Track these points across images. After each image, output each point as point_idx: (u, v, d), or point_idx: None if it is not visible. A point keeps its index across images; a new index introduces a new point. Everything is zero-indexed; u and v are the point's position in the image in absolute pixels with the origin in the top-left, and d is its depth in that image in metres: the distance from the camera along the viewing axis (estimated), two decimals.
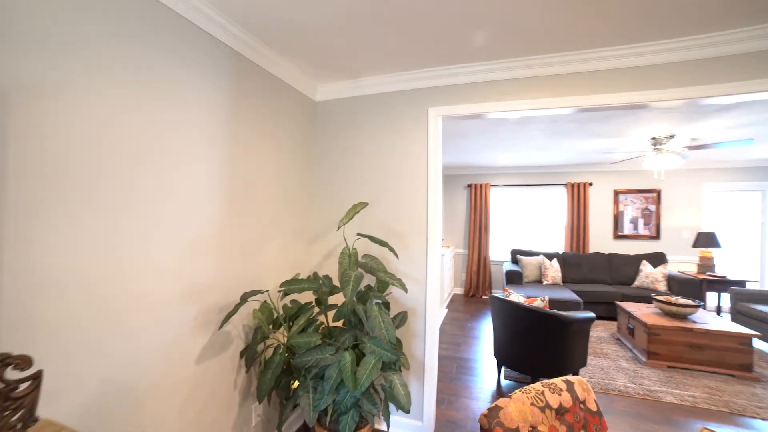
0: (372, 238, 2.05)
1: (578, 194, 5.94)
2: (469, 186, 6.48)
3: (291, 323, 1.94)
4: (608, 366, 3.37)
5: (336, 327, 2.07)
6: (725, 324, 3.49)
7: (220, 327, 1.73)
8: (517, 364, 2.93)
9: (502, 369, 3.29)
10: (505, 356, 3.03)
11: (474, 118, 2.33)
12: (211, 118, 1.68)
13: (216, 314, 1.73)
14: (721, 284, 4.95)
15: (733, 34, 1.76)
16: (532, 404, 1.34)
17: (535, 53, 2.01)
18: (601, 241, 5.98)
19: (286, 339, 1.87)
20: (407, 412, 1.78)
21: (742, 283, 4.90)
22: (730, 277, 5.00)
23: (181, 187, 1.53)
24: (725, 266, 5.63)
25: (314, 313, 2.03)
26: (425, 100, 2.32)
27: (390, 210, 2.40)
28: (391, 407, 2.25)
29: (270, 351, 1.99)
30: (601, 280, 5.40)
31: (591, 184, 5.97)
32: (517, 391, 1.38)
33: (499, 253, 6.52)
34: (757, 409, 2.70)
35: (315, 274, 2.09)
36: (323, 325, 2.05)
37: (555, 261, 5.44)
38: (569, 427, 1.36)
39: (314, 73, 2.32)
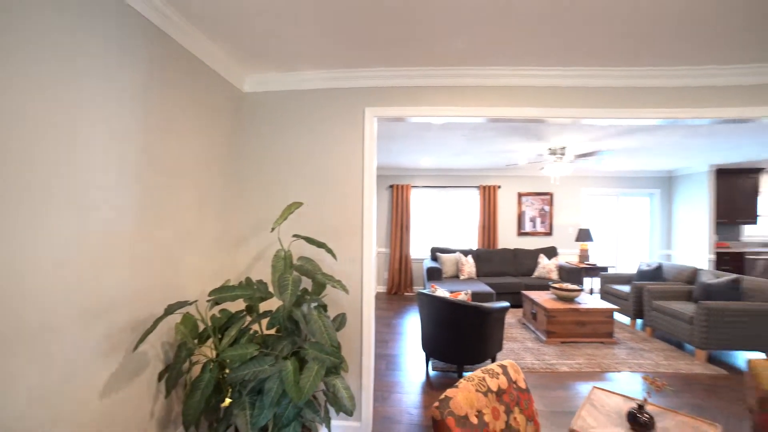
0: (310, 240, 1.96)
1: (489, 196, 6.59)
2: (391, 187, 6.69)
3: (221, 335, 1.75)
4: (518, 348, 3.81)
5: (270, 335, 1.93)
6: (597, 302, 4.25)
7: (135, 348, 1.47)
8: (444, 354, 3.12)
9: (430, 361, 3.46)
10: (432, 348, 3.20)
11: (401, 120, 2.41)
12: (121, 99, 1.42)
13: (128, 333, 1.47)
14: (593, 271, 6.02)
15: (612, 70, 2.14)
16: (477, 390, 1.43)
17: (463, 65, 2.16)
18: (507, 237, 6.74)
19: (216, 353, 1.68)
20: (351, 414, 1.76)
21: (606, 269, 6.02)
22: (600, 264, 6.11)
23: (81, 181, 1.25)
24: (597, 256, 6.86)
25: (246, 323, 1.87)
26: (362, 100, 2.31)
27: (325, 210, 2.34)
28: (331, 411, 2.20)
29: (197, 369, 1.76)
30: (508, 273, 6.08)
31: (499, 187, 6.69)
32: (461, 380, 1.46)
33: (419, 251, 6.86)
34: (616, 364, 3.43)
35: (248, 279, 1.93)
36: (257, 335, 1.89)
37: (470, 257, 5.94)
38: (507, 406, 1.49)
39: (242, 60, 2.13)
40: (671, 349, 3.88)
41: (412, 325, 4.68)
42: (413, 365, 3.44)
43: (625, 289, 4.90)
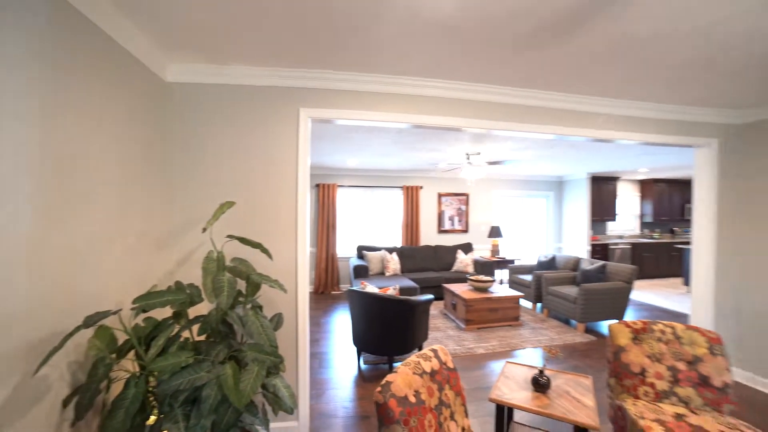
0: (244, 240, 1.91)
1: (412, 196, 6.97)
2: (318, 186, 6.65)
3: (146, 346, 1.61)
4: (441, 336, 4.15)
5: (202, 342, 1.83)
6: (506, 291, 4.84)
7: (36, 371, 1.28)
8: (375, 348, 3.26)
9: (362, 355, 3.58)
10: (363, 343, 3.32)
11: (328, 122, 2.50)
12: (18, 76, 1.22)
13: (24, 354, 1.27)
14: (503, 263, 6.80)
15: (521, 90, 2.52)
16: (414, 373, 1.57)
17: (395, 74, 2.32)
18: (429, 235, 7.21)
19: (141, 366, 1.54)
20: (292, 413, 1.77)
21: (513, 261, 6.86)
22: (508, 257, 6.93)
23: None
24: (505, 250, 7.75)
25: (175, 330, 1.74)
26: (297, 100, 2.32)
27: (260, 210, 2.29)
28: (269, 412, 2.16)
29: (118, 386, 1.59)
30: (430, 268, 6.52)
31: (421, 188, 7.12)
32: (399, 365, 1.59)
33: (345, 250, 6.94)
34: (522, 342, 3.97)
35: (178, 283, 1.80)
36: (188, 342, 1.78)
37: (395, 254, 6.22)
38: (439, 384, 1.67)
39: (165, 46, 1.97)
40: (561, 325, 4.63)
41: (340, 323, 4.74)
42: (344, 361, 3.52)
43: (528, 278, 5.66)
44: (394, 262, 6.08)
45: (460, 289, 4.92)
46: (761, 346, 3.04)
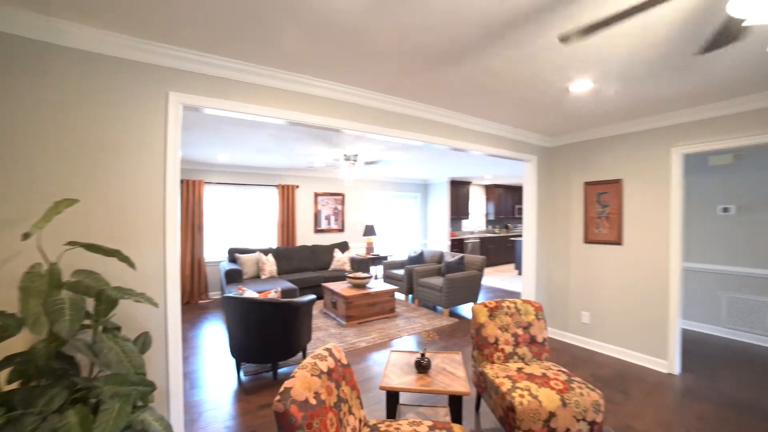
0: (95, 247, 1.54)
1: (288, 195, 6.75)
2: (181, 182, 5.77)
3: None
4: (323, 335, 4.17)
5: (19, 390, 1.39)
6: (382, 285, 5.20)
7: None
8: (257, 356, 3.06)
9: (242, 366, 3.30)
10: (243, 353, 3.08)
11: (195, 110, 2.26)
12: None
13: None
14: (377, 260, 7.25)
15: (391, 98, 2.77)
16: (312, 375, 1.56)
17: (285, 68, 2.24)
18: (305, 235, 7.11)
19: None
20: None
21: (386, 258, 7.40)
22: (382, 254, 7.43)
23: None
24: (379, 247, 8.27)
25: None
26: (166, 82, 1.99)
27: (115, 209, 1.87)
28: None
29: None
30: (308, 268, 6.43)
31: (298, 187, 6.96)
32: (296, 369, 1.56)
33: (214, 254, 6.24)
34: (399, 332, 4.33)
35: None
36: None
37: (270, 255, 5.92)
38: (336, 381, 1.70)
39: None
40: (430, 312, 5.25)
41: (211, 335, 4.25)
42: (221, 377, 3.18)
43: (400, 272, 6.19)
44: (270, 264, 5.78)
45: (340, 287, 5.04)
46: (560, 308, 4.13)
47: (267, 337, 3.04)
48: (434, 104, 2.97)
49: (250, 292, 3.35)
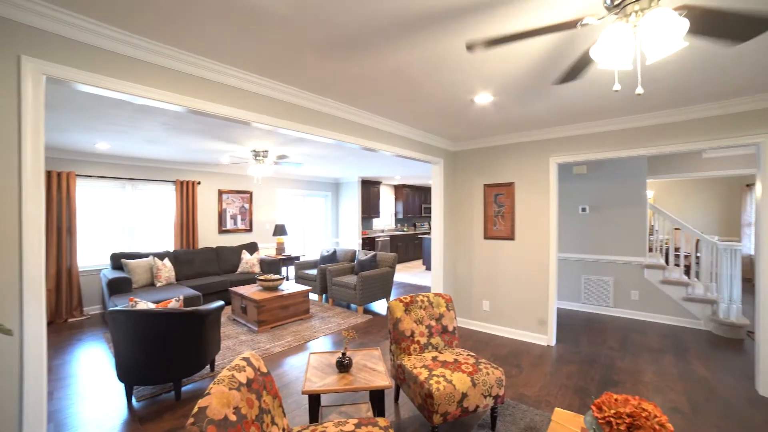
0: None
1: (187, 192, 6.03)
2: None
3: None
4: (233, 343, 3.86)
5: None
6: (295, 286, 5.05)
7: None
8: (155, 376, 2.68)
9: (134, 391, 2.84)
10: (136, 374, 2.67)
11: (61, 83, 1.92)
12: None
13: None
14: (289, 260, 7.00)
15: (307, 94, 2.73)
16: (230, 389, 1.45)
17: (180, 47, 2.00)
18: (208, 236, 6.46)
19: None
20: None
21: (298, 258, 7.20)
22: (293, 254, 7.19)
23: None
24: (290, 247, 7.98)
25: None
26: (19, 43, 1.59)
27: None
28: None
29: None
30: (212, 272, 5.86)
31: (199, 183, 6.27)
32: (211, 385, 1.43)
33: (92, 261, 5.24)
34: (315, 333, 4.27)
35: None
36: None
37: (167, 260, 5.23)
38: (257, 392, 1.61)
39: None
40: (345, 311, 5.28)
41: (88, 360, 3.56)
42: (104, 408, 2.69)
43: (313, 272, 6.08)
44: (167, 270, 5.10)
45: (249, 290, 4.73)
46: (465, 299, 4.58)
47: (168, 352, 2.68)
48: (348, 103, 2.99)
49: (144, 304, 2.91)
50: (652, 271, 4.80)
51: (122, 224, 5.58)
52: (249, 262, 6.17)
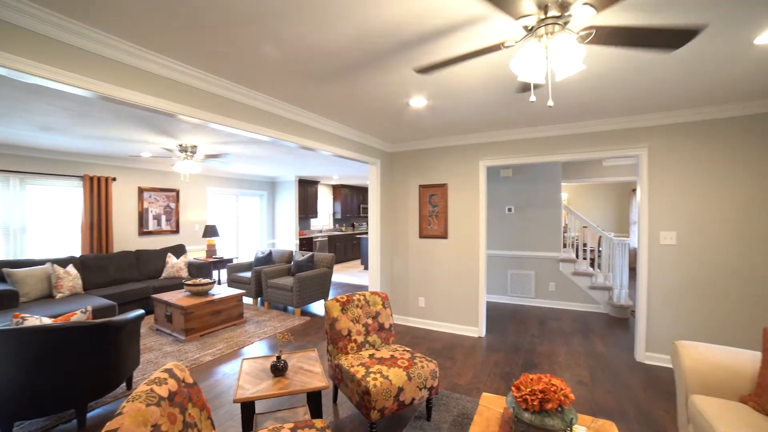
0: None
1: (99, 189, 5.33)
2: None
3: None
4: (156, 356, 3.51)
5: None
6: (227, 290, 4.77)
7: None
8: (52, 403, 2.32)
9: (15, 427, 2.43)
10: (22, 405, 2.25)
11: None
12: None
13: None
14: (221, 263, 6.58)
15: (242, 88, 2.62)
16: (148, 405, 1.34)
17: (90, 24, 1.79)
18: (126, 238, 5.78)
19: None
20: None
21: (231, 260, 6.79)
22: (226, 257, 6.76)
23: None
24: (222, 249, 7.48)
25: None
26: None
27: None
28: None
29: None
30: (131, 279, 5.26)
31: (114, 179, 5.58)
32: (124, 403, 1.30)
33: None
34: (249, 338, 4.08)
35: None
36: None
37: (71, 267, 4.58)
38: (180, 406, 1.50)
39: None
40: (282, 313, 5.11)
41: None
42: None
43: (247, 274, 5.78)
44: (71, 278, 4.46)
45: (175, 297, 4.35)
46: (401, 296, 4.72)
47: (67, 374, 2.34)
48: (286, 101, 2.92)
49: (36, 319, 2.50)
50: (565, 264, 5.41)
51: (6, 227, 4.73)
52: (175, 266, 5.66)
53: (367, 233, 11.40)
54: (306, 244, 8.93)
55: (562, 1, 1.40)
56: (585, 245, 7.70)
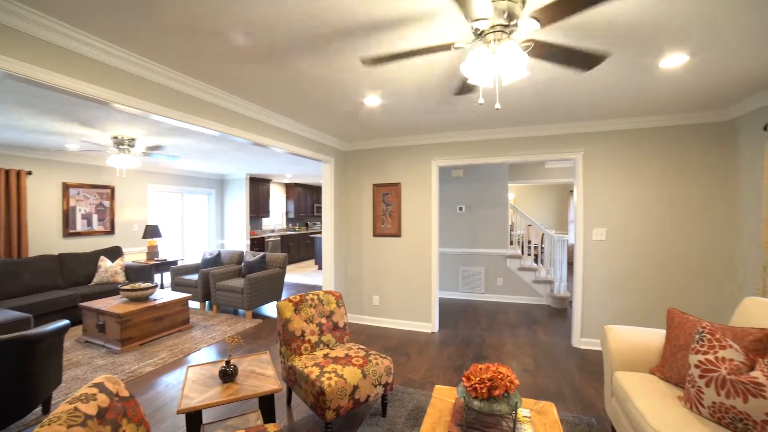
0: None
1: (10, 184, 4.69)
2: None
3: None
4: (84, 371, 3.17)
5: None
6: (171, 295, 4.45)
7: None
8: None
9: None
10: None
11: None
12: None
13: None
14: (164, 266, 6.12)
15: (183, 77, 2.47)
16: (70, 426, 1.21)
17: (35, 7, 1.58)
18: (46, 241, 5.15)
19: None
20: None
21: (176, 262, 6.35)
22: (170, 259, 6.30)
23: None
24: (166, 251, 6.96)
25: None
26: None
27: None
28: None
29: None
30: (52, 286, 4.69)
31: (30, 173, 4.94)
32: (37, 429, 1.16)
33: None
34: (196, 345, 3.85)
35: None
36: None
37: None
38: (113, 423, 1.37)
39: None
40: (232, 317, 4.87)
41: None
42: None
43: (194, 277, 5.44)
44: None
45: (110, 304, 3.96)
46: (356, 295, 4.72)
47: None
48: (238, 95, 2.79)
49: None
50: (512, 260, 5.74)
51: None
52: (110, 270, 5.16)
53: (321, 233, 11.23)
54: (258, 244, 8.59)
55: (510, 13, 1.48)
56: (530, 242, 8.22)
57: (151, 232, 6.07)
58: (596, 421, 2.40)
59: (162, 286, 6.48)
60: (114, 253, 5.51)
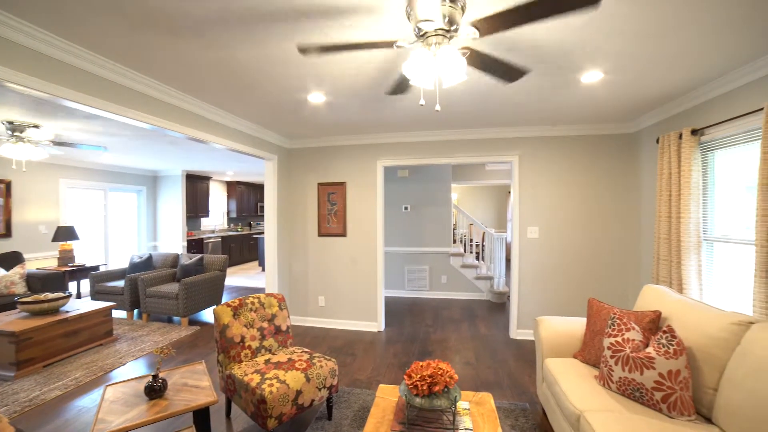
0: None
1: None
2: None
3: None
4: None
5: None
6: (90, 304, 3.96)
7: None
8: None
9: None
10: None
11: None
12: None
13: None
14: (81, 272, 5.44)
15: (112, 63, 2.22)
16: None
17: None
18: None
19: None
20: None
21: (97, 268, 5.68)
22: (89, 264, 5.62)
23: None
24: (84, 255, 6.17)
25: None
26: None
27: None
28: None
29: None
30: None
31: None
32: None
33: None
34: (120, 359, 3.48)
35: None
36: None
37: None
38: None
39: None
40: (165, 325, 4.47)
41: None
42: None
43: (120, 283, 4.90)
44: None
45: (3, 321, 3.40)
46: (300, 296, 4.60)
47: None
48: (172, 85, 2.56)
49: None
50: (455, 258, 5.98)
51: None
52: (5, 279, 4.45)
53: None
54: (196, 245, 8.00)
55: (451, 18, 1.53)
56: (471, 240, 8.64)
57: (65, 234, 5.35)
58: (529, 405, 2.59)
59: (79, 296, 5.74)
60: (11, 259, 4.76)
